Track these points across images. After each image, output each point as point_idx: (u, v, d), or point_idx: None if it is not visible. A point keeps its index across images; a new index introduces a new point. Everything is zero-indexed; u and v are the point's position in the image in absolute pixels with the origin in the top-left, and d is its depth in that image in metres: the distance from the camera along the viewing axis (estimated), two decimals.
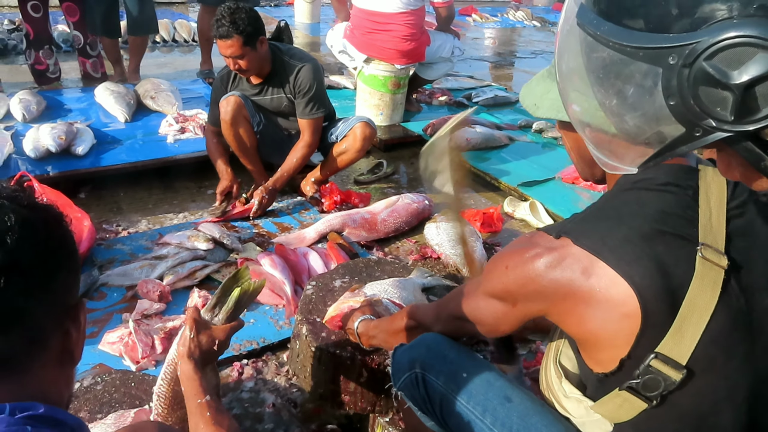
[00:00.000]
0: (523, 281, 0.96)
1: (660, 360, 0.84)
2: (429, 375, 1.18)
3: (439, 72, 4.16)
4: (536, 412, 1.11)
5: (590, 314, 0.88)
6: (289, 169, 2.83)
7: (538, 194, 3.16)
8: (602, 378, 0.93)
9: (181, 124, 3.36)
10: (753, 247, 0.90)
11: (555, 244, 0.92)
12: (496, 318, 1.06)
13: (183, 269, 2.21)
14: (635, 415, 0.91)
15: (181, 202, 2.92)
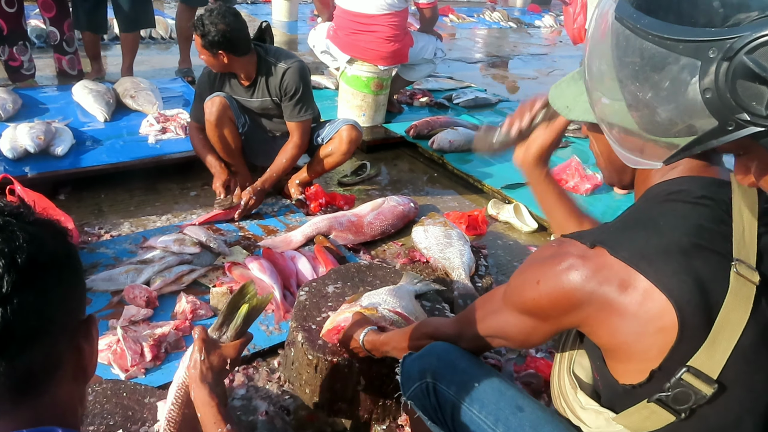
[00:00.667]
0: (557, 296, 0.94)
1: (692, 374, 0.85)
2: (440, 384, 1.18)
3: (421, 73, 4.17)
4: (547, 422, 1.11)
5: (625, 326, 0.88)
6: (278, 169, 2.81)
7: (521, 196, 3.19)
8: (629, 389, 0.93)
9: (163, 124, 3.31)
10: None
11: (589, 254, 0.91)
12: (527, 334, 1.05)
13: (170, 274, 2.18)
14: (661, 427, 0.91)
15: (164, 204, 2.87)
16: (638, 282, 0.86)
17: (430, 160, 3.72)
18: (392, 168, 3.66)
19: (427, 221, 2.58)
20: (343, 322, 1.53)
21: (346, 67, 3.84)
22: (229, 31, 2.51)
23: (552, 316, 0.98)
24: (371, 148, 3.80)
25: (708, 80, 0.59)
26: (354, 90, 3.88)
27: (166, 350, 1.89)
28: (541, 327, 1.02)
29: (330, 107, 4.13)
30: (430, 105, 4.63)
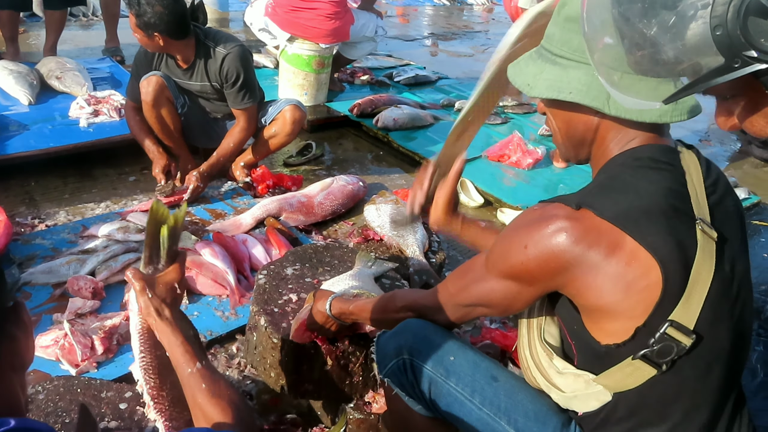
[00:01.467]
0: (546, 258, 0.95)
1: (674, 327, 0.91)
2: (416, 360, 1.18)
3: (362, 51, 4.14)
4: (521, 389, 1.16)
5: (612, 286, 0.92)
6: (224, 154, 2.72)
7: (466, 173, 3.18)
8: (612, 349, 0.96)
9: (94, 107, 3.14)
10: (726, 220, 1.00)
11: (577, 215, 0.94)
12: (511, 299, 1.06)
13: (116, 263, 2.09)
14: (642, 382, 0.96)
15: (102, 191, 2.74)
16: (625, 242, 0.91)
17: (375, 139, 3.71)
18: (337, 147, 3.62)
19: (379, 200, 2.58)
20: (306, 315, 1.49)
21: (286, 45, 3.75)
22: (166, 14, 2.38)
23: (539, 279, 0.99)
24: (315, 128, 3.75)
25: (719, 16, 0.60)
26: (295, 69, 3.81)
27: (118, 342, 1.81)
28: (526, 291, 1.03)
29: (270, 87, 4.03)
30: (371, 83, 4.60)
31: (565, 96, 1.01)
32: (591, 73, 0.96)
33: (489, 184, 3.15)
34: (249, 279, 2.19)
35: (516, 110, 4.34)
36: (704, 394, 0.99)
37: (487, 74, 1.36)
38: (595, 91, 0.98)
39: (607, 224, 0.92)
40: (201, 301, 2.06)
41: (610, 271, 0.91)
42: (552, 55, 1.04)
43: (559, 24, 1.03)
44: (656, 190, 0.95)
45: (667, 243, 0.90)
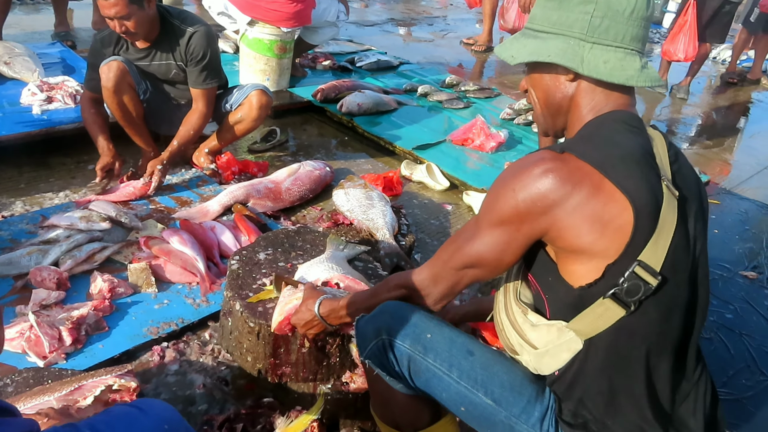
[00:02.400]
0: (534, 198, 1.01)
1: (641, 267, 0.99)
2: (395, 340, 1.21)
3: (324, 36, 4.10)
4: (497, 362, 1.20)
5: (589, 225, 0.99)
6: (183, 140, 2.66)
7: (431, 156, 3.28)
8: (585, 290, 1.03)
9: (47, 93, 3.03)
10: (686, 188, 1.08)
11: (562, 158, 1.02)
12: (501, 251, 1.09)
13: (80, 253, 2.04)
14: (612, 324, 1.03)
15: (59, 180, 2.65)
16: (604, 184, 0.99)
17: (340, 124, 3.70)
18: (302, 133, 3.60)
19: (347, 184, 2.58)
20: (293, 310, 1.49)
21: (246, 29, 3.68)
22: None
23: (527, 221, 1.04)
24: (278, 114, 3.70)
25: None
26: (256, 54, 3.75)
27: (86, 332, 1.78)
28: (515, 240, 1.07)
29: (231, 72, 3.93)
30: (333, 68, 4.57)
31: (544, 57, 1.11)
32: (567, 42, 1.10)
33: (454, 168, 3.19)
34: (219, 266, 2.16)
35: (478, 95, 4.39)
36: (666, 343, 1.06)
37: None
38: (570, 55, 1.09)
39: (588, 167, 1.00)
40: (171, 289, 2.03)
41: (589, 211, 0.98)
42: (534, 32, 1.16)
43: (540, 5, 1.15)
44: (631, 144, 1.04)
45: (640, 188, 0.98)
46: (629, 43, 1.09)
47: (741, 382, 2.02)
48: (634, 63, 1.09)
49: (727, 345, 2.19)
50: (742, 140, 4.90)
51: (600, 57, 1.08)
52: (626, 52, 1.09)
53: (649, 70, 1.11)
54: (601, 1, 1.07)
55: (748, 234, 3.10)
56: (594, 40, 1.08)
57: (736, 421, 1.83)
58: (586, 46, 1.09)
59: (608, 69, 1.08)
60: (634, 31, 1.09)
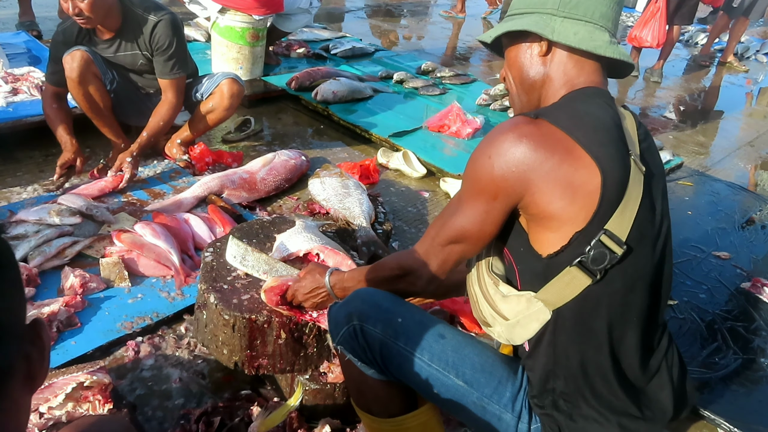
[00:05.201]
0: (510, 165, 1.02)
1: (607, 236, 1.01)
2: (366, 325, 1.21)
3: (297, 24, 4.04)
4: (467, 344, 1.21)
5: (561, 191, 1.00)
6: (152, 132, 2.59)
7: (408, 144, 3.26)
8: (552, 258, 1.04)
9: (12, 85, 2.94)
10: (653, 166, 1.11)
11: (535, 122, 1.03)
12: (481, 220, 1.11)
13: (50, 248, 1.99)
14: (578, 293, 1.04)
15: (28, 174, 2.59)
16: (575, 150, 1.01)
17: (315, 112, 3.66)
18: (276, 122, 3.56)
19: (323, 173, 2.56)
20: (290, 280, 1.49)
21: (217, 17, 3.62)
22: None
23: (503, 187, 1.05)
24: (252, 103, 3.66)
25: None
26: (228, 42, 3.68)
27: (58, 329, 1.74)
28: (493, 207, 1.08)
29: (203, 61, 3.89)
30: (307, 56, 4.52)
31: (517, 26, 1.16)
32: (540, 17, 1.15)
33: (430, 155, 3.18)
34: (194, 258, 2.14)
35: (454, 81, 4.38)
36: (631, 314, 1.08)
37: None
38: (541, 24, 1.14)
39: (561, 132, 1.02)
40: (144, 282, 1.99)
41: (561, 176, 1.00)
42: (510, 16, 1.21)
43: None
44: (603, 116, 1.07)
45: (609, 156, 1.01)
46: (598, 19, 1.13)
47: (714, 360, 2.06)
48: (603, 36, 1.13)
49: (701, 324, 2.23)
50: (715, 122, 4.97)
51: (570, 29, 1.13)
52: (595, 27, 1.13)
53: (617, 45, 1.14)
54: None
55: (720, 215, 3.15)
56: (565, 15, 1.13)
57: (709, 400, 1.86)
58: (557, 19, 1.13)
59: (577, 39, 1.12)
60: (603, 9, 1.13)
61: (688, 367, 1.26)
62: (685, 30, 7.46)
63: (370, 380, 1.28)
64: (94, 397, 1.40)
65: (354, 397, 1.37)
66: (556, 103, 1.14)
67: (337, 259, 1.66)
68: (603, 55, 1.13)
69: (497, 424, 1.18)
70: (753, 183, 3.82)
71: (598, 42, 1.12)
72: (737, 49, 6.97)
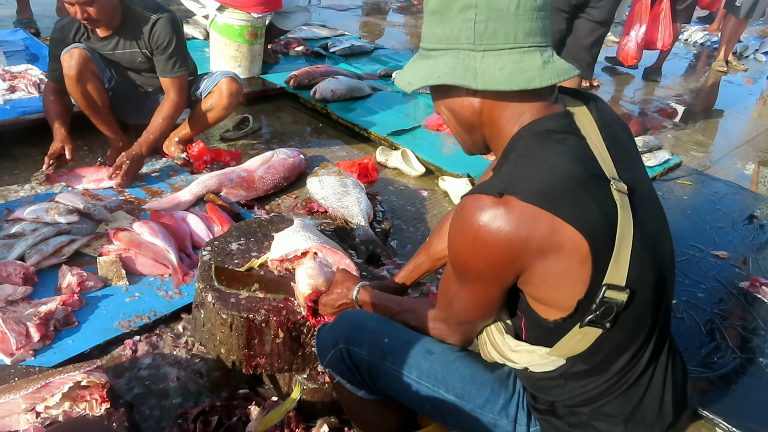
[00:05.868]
0: (495, 256, 0.95)
1: (610, 289, 0.95)
2: (353, 348, 1.21)
3: (296, 21, 4.04)
4: (456, 358, 1.20)
5: (551, 276, 0.95)
6: (155, 131, 2.57)
7: (407, 142, 3.26)
8: (559, 323, 1.00)
9: (10, 82, 2.94)
10: (631, 165, 1.04)
11: (503, 203, 0.92)
12: (481, 302, 1.06)
13: (47, 246, 1.98)
14: (591, 343, 1.01)
15: (25, 172, 2.57)
16: (554, 224, 0.91)
17: (314, 111, 3.66)
18: (275, 120, 3.55)
19: (321, 171, 2.55)
20: (323, 285, 1.51)
21: (216, 14, 3.61)
22: None
23: (496, 276, 0.99)
24: (251, 101, 3.65)
25: None
26: (227, 40, 3.67)
27: (55, 328, 1.73)
28: (490, 292, 1.03)
29: (201, 59, 3.87)
30: (306, 54, 4.51)
31: (434, 81, 1.01)
32: (457, 56, 0.99)
33: (429, 153, 3.18)
34: (191, 257, 2.13)
35: None
36: (640, 335, 1.06)
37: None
38: (461, 71, 0.99)
39: (534, 208, 0.91)
40: (142, 281, 1.99)
41: (547, 261, 0.93)
42: (426, 51, 1.06)
43: (426, 21, 1.05)
44: (567, 161, 0.95)
45: (591, 214, 0.93)
46: (523, 40, 0.98)
47: (712, 360, 2.06)
48: (533, 61, 0.98)
49: (699, 324, 2.23)
50: (714, 121, 4.97)
51: (494, 64, 0.98)
52: (523, 52, 0.98)
53: (554, 63, 1.00)
54: (480, 4, 0.96)
55: (719, 214, 3.14)
56: (484, 48, 0.98)
57: (708, 400, 1.86)
58: (477, 56, 0.98)
59: (506, 76, 0.97)
60: (527, 26, 0.98)
61: (687, 366, 1.25)
62: (684, 29, 7.46)
63: (362, 401, 1.28)
64: (91, 397, 1.38)
65: (350, 418, 1.39)
66: (511, 155, 1.00)
67: (336, 258, 1.65)
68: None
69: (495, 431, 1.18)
70: (755, 182, 3.82)
71: (529, 72, 0.97)
72: (736, 48, 6.96)
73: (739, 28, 6.40)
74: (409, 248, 2.47)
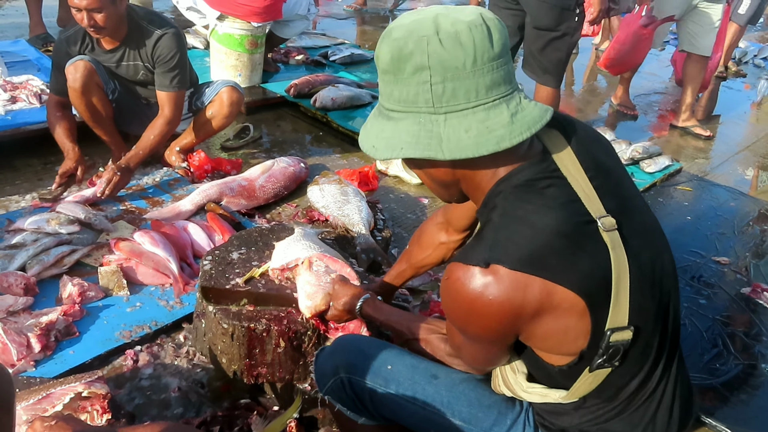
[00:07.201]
0: (493, 326, 0.95)
1: (614, 333, 0.95)
2: (354, 377, 1.20)
3: (295, 30, 4.06)
4: (462, 381, 1.19)
5: (550, 336, 0.96)
6: (145, 147, 2.50)
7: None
8: (565, 370, 1.01)
9: (11, 93, 2.95)
10: (613, 186, 1.01)
11: (490, 274, 0.90)
12: (486, 355, 1.08)
13: (48, 257, 1.99)
14: (602, 380, 1.01)
15: (26, 182, 2.59)
16: (546, 287, 0.90)
17: (314, 119, 3.67)
18: (275, 129, 3.56)
19: (322, 180, 2.56)
20: (323, 304, 1.51)
21: (216, 24, 3.63)
22: None
23: (496, 340, 1.01)
24: (251, 110, 3.66)
25: None
26: (227, 49, 3.69)
27: (56, 338, 1.74)
28: (493, 347, 1.05)
29: (202, 68, 3.89)
30: (306, 63, 4.52)
31: (398, 153, 0.94)
32: (418, 120, 0.93)
33: None
34: (192, 266, 2.13)
35: None
36: (653, 355, 1.05)
37: None
38: (425, 139, 0.92)
39: (523, 276, 0.89)
40: (143, 291, 1.99)
41: (545, 316, 0.92)
42: (385, 110, 0.99)
43: (380, 78, 0.98)
44: (550, 217, 0.92)
45: (583, 269, 0.91)
46: (486, 95, 0.91)
47: (715, 366, 2.05)
48: (500, 117, 0.91)
49: (701, 330, 2.22)
50: (714, 126, 4.97)
51: (459, 127, 0.91)
52: (487, 108, 0.91)
53: (523, 113, 0.92)
54: (434, 64, 0.89)
55: (720, 219, 3.14)
56: (445, 110, 0.91)
57: (710, 406, 1.85)
58: (439, 119, 0.91)
59: (473, 139, 0.90)
60: (487, 80, 0.90)
61: (690, 372, 1.25)
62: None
63: (362, 427, 1.27)
64: (92, 408, 1.39)
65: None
66: (494, 218, 0.95)
67: (336, 267, 1.65)
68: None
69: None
70: (755, 186, 3.82)
71: (498, 132, 0.90)
72: (735, 53, 6.98)
73: (739, 35, 6.42)
74: None
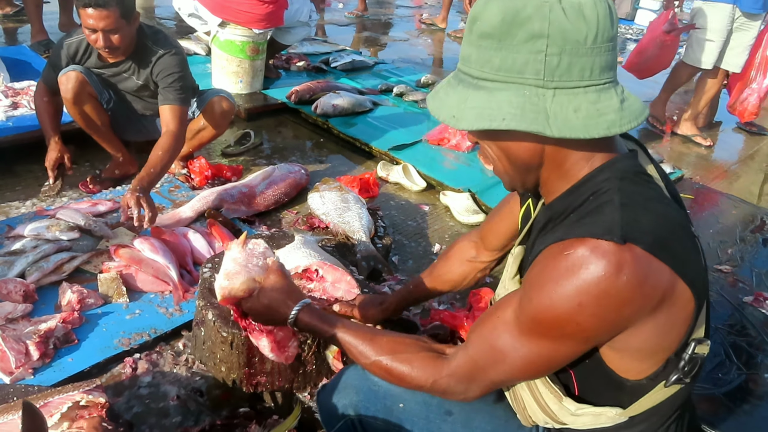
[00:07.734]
0: (608, 312, 0.83)
1: (697, 344, 0.90)
2: (365, 417, 1.15)
3: (297, 36, 4.06)
4: (477, 413, 1.15)
5: (658, 330, 0.87)
6: (156, 164, 2.31)
7: (408, 157, 3.26)
8: (640, 383, 0.93)
9: (12, 99, 2.94)
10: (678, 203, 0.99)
11: (627, 254, 0.81)
12: (543, 361, 0.92)
13: (47, 263, 1.97)
14: (665, 398, 0.96)
15: (27, 188, 2.58)
16: (671, 278, 0.84)
17: (315, 126, 3.67)
18: (276, 135, 3.56)
19: (323, 187, 2.55)
20: (241, 290, 1.19)
21: (218, 31, 3.63)
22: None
23: (593, 335, 0.88)
24: (252, 116, 3.66)
25: None
26: (228, 56, 3.69)
27: (55, 346, 1.72)
28: (566, 349, 0.90)
29: (203, 75, 3.90)
30: (307, 69, 4.53)
31: (498, 124, 0.84)
32: (522, 92, 0.84)
33: (430, 168, 3.18)
34: (192, 273, 2.12)
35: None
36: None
37: None
38: (531, 113, 0.84)
39: (656, 261, 0.82)
40: (143, 298, 1.98)
41: (661, 316, 0.85)
42: (473, 78, 0.89)
43: (473, 43, 0.88)
44: (671, 209, 0.89)
45: (695, 265, 0.88)
46: (599, 76, 0.84)
47: (717, 376, 2.04)
48: (611, 101, 0.85)
49: None
50: (715, 134, 4.97)
51: (569, 105, 0.84)
52: (599, 90, 0.85)
53: (629, 101, 0.87)
54: (554, 33, 0.81)
55: (722, 228, 3.14)
56: (556, 85, 0.83)
57: (713, 416, 1.84)
58: (547, 94, 0.84)
59: (582, 120, 0.83)
60: (603, 60, 0.84)
61: None
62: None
63: None
64: (90, 416, 1.38)
65: None
66: (615, 200, 0.86)
67: (336, 275, 1.64)
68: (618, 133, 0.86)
69: None
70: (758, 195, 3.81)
71: (609, 116, 0.84)
72: None
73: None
74: (410, 263, 2.46)
